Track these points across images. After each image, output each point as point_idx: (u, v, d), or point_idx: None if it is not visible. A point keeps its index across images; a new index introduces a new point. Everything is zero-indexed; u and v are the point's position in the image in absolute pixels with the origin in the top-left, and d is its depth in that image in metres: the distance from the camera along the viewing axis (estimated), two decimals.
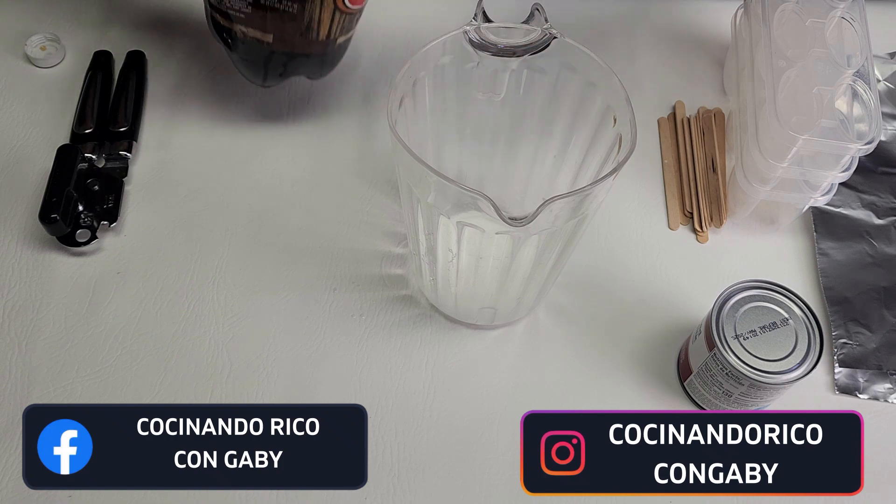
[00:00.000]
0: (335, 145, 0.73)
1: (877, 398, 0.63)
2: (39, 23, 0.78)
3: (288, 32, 0.62)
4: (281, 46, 0.63)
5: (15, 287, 0.64)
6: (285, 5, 0.60)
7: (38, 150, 0.71)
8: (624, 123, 0.53)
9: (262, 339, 0.63)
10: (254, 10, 0.61)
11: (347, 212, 0.69)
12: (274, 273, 0.66)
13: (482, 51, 0.56)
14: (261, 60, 0.65)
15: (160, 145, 0.72)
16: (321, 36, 0.62)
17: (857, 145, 0.61)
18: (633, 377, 0.63)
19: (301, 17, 0.60)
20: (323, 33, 0.62)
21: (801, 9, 0.68)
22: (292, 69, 0.67)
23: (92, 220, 0.66)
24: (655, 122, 0.77)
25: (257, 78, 0.68)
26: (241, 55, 0.66)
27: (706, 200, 0.71)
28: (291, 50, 0.64)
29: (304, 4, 0.60)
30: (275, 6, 0.60)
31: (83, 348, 0.61)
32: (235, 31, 0.63)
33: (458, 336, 0.64)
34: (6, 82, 0.75)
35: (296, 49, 0.64)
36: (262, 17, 0.61)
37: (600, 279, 0.67)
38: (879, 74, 0.79)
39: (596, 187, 0.50)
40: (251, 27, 0.62)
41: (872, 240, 0.70)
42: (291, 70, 0.67)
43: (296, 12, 0.60)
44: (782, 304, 0.58)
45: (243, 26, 0.62)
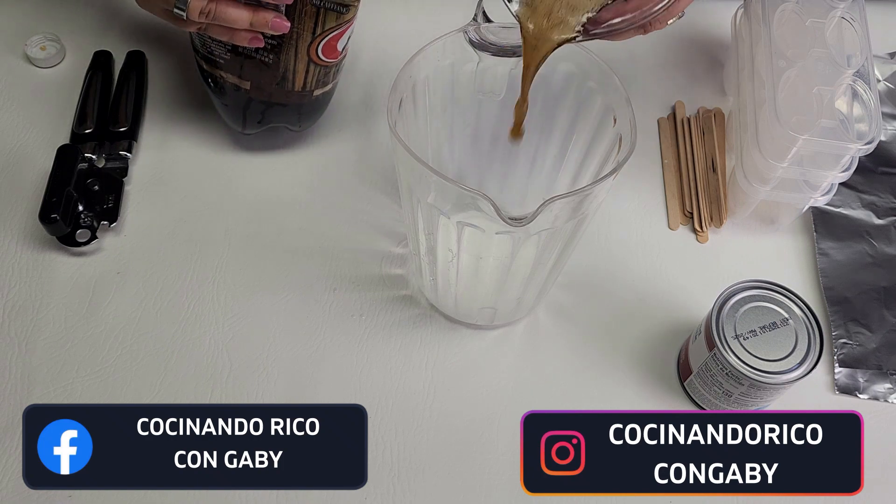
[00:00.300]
0: (335, 145, 0.73)
1: (877, 398, 0.63)
2: (39, 23, 0.78)
3: (264, 81, 0.63)
4: (258, 94, 0.65)
5: (15, 287, 0.64)
6: (261, 55, 0.61)
7: (38, 150, 0.71)
8: (624, 123, 0.53)
9: (262, 339, 0.63)
10: (232, 57, 0.62)
11: (347, 212, 0.69)
12: (274, 273, 0.66)
13: (482, 51, 0.56)
14: (240, 107, 0.67)
15: (160, 145, 0.72)
16: (297, 87, 0.64)
17: (857, 145, 0.61)
18: (633, 377, 0.63)
19: (276, 66, 0.62)
20: (298, 84, 0.64)
21: (801, 9, 0.68)
22: (270, 118, 0.68)
23: (92, 220, 0.66)
24: (655, 122, 0.77)
25: (237, 124, 0.69)
26: (222, 100, 0.68)
27: (706, 200, 0.71)
28: (268, 99, 0.65)
29: (280, 55, 0.61)
30: (251, 55, 0.62)
31: (83, 348, 0.61)
32: (217, 76, 0.65)
33: (458, 336, 0.64)
34: (6, 82, 0.75)
35: (272, 98, 0.65)
36: (240, 65, 0.63)
37: (600, 279, 0.67)
38: (879, 74, 0.79)
39: (596, 187, 0.50)
40: (230, 73, 0.64)
41: (872, 240, 0.70)
42: (269, 118, 0.68)
43: (271, 62, 0.62)
44: (782, 304, 0.58)
45: (223, 72, 0.64)
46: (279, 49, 0.61)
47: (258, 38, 0.60)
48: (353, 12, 0.59)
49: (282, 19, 0.58)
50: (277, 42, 0.60)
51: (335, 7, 0.58)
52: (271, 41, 0.60)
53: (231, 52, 0.62)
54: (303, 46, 0.60)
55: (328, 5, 0.58)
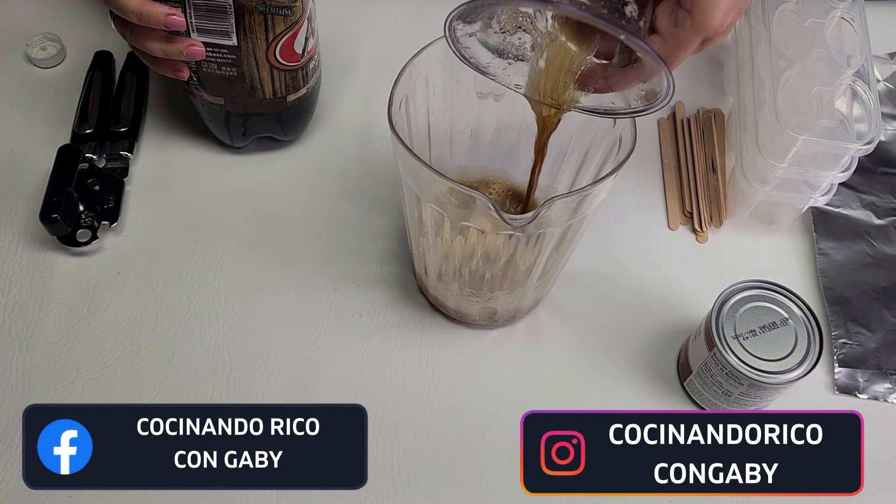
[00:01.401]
0: (336, 145, 0.73)
1: (877, 398, 0.63)
2: (40, 23, 0.78)
3: (235, 93, 0.65)
4: (234, 107, 0.66)
5: (15, 287, 0.64)
6: (224, 70, 0.62)
7: (38, 150, 0.71)
8: (624, 123, 0.53)
9: (262, 339, 0.63)
10: (201, 77, 0.64)
11: (348, 211, 0.69)
12: (274, 273, 0.66)
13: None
14: (221, 121, 0.68)
15: (161, 145, 0.72)
16: (267, 94, 0.65)
17: (856, 145, 0.61)
18: (633, 377, 0.63)
19: (242, 78, 0.63)
20: (268, 92, 0.65)
21: (801, 9, 0.68)
22: (252, 128, 0.69)
23: (92, 220, 0.66)
24: (655, 122, 0.77)
25: (226, 138, 0.71)
26: (205, 117, 0.69)
27: (706, 200, 0.71)
28: (244, 110, 0.66)
29: (241, 67, 0.62)
30: (215, 72, 0.63)
31: (83, 348, 0.61)
32: (194, 95, 0.66)
33: (458, 336, 0.64)
34: (7, 82, 0.75)
35: (248, 109, 0.66)
36: (208, 82, 0.64)
37: (600, 279, 0.67)
38: (879, 74, 0.79)
39: (596, 187, 0.50)
40: (202, 91, 0.65)
41: (872, 240, 0.70)
42: (252, 129, 0.69)
43: (235, 74, 0.63)
44: (782, 304, 0.58)
45: (196, 90, 0.65)
46: (238, 61, 0.62)
47: (182, 70, 0.62)
48: (297, 14, 0.60)
49: (196, 45, 0.59)
50: (235, 55, 0.61)
51: (279, 11, 0.59)
52: (229, 55, 0.61)
53: (196, 72, 0.63)
54: (261, 54, 0.61)
55: (272, 10, 0.59)
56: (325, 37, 0.69)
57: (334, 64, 0.77)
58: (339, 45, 0.78)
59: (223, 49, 0.61)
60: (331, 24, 0.79)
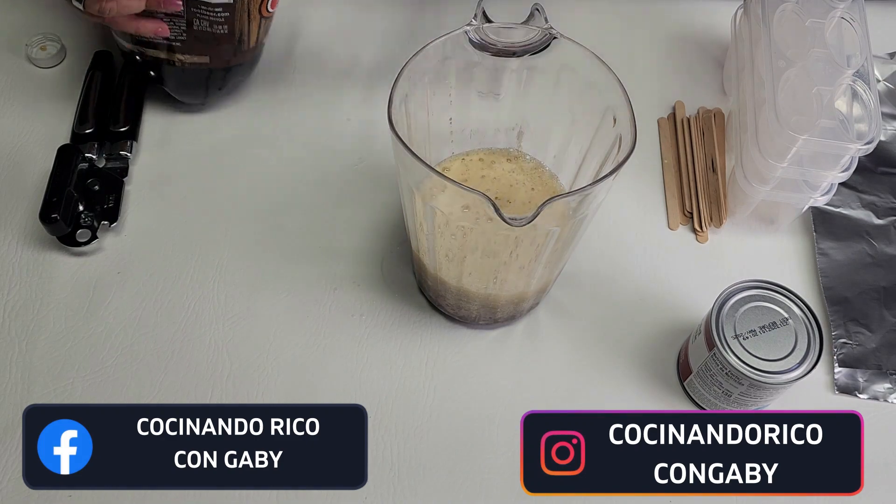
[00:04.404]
0: (335, 145, 0.73)
1: (876, 398, 0.63)
2: (40, 23, 0.78)
3: (223, 51, 0.66)
4: (218, 63, 0.67)
5: (15, 287, 0.64)
6: (216, 28, 0.63)
7: (38, 150, 0.70)
8: (624, 123, 0.53)
9: (262, 339, 0.63)
10: (188, 39, 0.64)
11: (348, 211, 0.69)
12: (274, 273, 0.66)
13: (482, 51, 0.56)
14: (201, 82, 0.69)
15: (160, 145, 0.72)
16: (251, 45, 0.67)
17: (856, 145, 0.61)
18: (633, 377, 0.63)
19: (232, 34, 0.65)
20: (252, 41, 0.67)
21: (801, 9, 0.68)
22: (230, 81, 0.71)
23: (92, 220, 0.66)
24: (655, 122, 0.77)
25: (198, 98, 0.72)
26: (179, 80, 0.69)
27: (706, 200, 0.71)
28: (227, 64, 0.68)
29: (233, 23, 0.63)
30: (206, 30, 0.64)
31: (83, 348, 0.61)
32: (173, 61, 0.67)
33: (458, 336, 0.64)
34: (6, 82, 0.75)
35: (231, 62, 0.68)
36: (198, 43, 0.65)
37: (600, 279, 0.67)
38: (879, 74, 0.79)
39: (596, 187, 0.50)
40: (188, 54, 0.66)
41: (872, 240, 0.70)
42: (230, 82, 0.71)
43: (226, 31, 0.64)
44: (782, 303, 0.58)
45: (181, 54, 0.66)
46: (232, 18, 0.63)
47: (163, 27, 0.62)
48: None
49: None
50: (229, 12, 0.63)
51: None
52: (222, 14, 0.62)
53: (186, 32, 0.64)
54: (255, 8, 0.63)
55: None
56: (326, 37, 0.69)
57: (334, 64, 0.77)
58: (339, 46, 0.78)
59: (217, 7, 0.62)
60: (331, 24, 0.80)
